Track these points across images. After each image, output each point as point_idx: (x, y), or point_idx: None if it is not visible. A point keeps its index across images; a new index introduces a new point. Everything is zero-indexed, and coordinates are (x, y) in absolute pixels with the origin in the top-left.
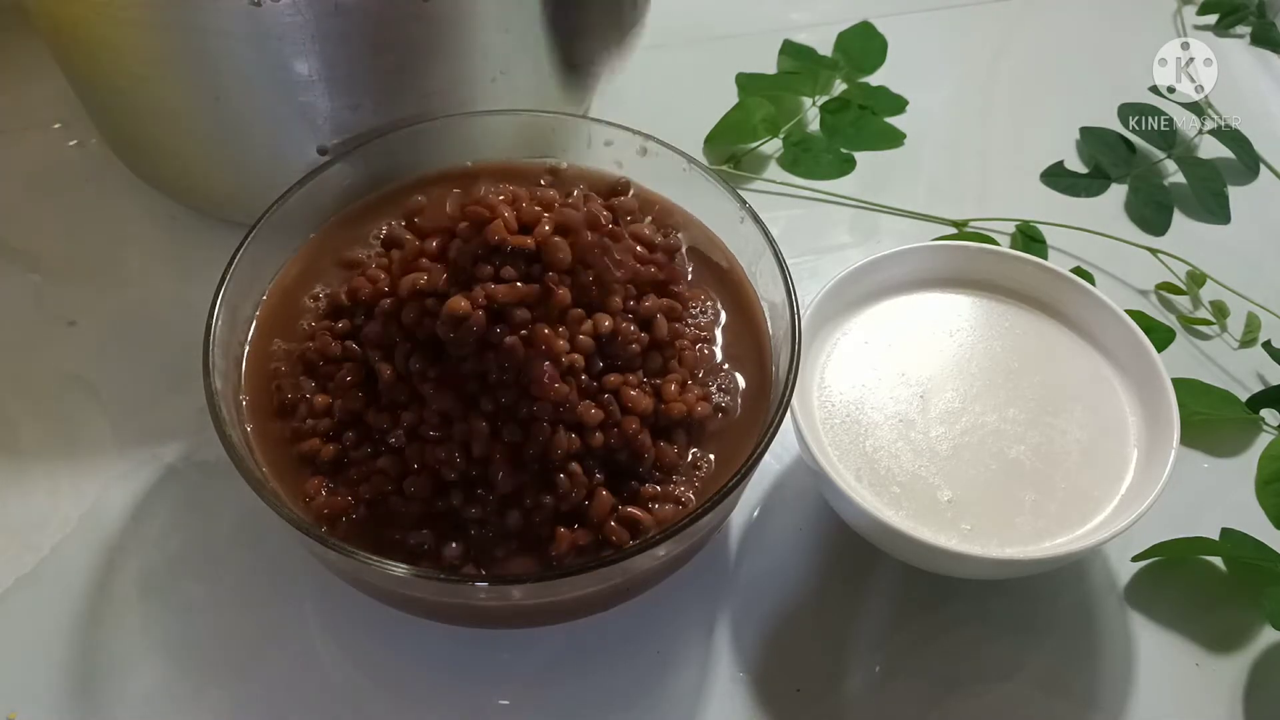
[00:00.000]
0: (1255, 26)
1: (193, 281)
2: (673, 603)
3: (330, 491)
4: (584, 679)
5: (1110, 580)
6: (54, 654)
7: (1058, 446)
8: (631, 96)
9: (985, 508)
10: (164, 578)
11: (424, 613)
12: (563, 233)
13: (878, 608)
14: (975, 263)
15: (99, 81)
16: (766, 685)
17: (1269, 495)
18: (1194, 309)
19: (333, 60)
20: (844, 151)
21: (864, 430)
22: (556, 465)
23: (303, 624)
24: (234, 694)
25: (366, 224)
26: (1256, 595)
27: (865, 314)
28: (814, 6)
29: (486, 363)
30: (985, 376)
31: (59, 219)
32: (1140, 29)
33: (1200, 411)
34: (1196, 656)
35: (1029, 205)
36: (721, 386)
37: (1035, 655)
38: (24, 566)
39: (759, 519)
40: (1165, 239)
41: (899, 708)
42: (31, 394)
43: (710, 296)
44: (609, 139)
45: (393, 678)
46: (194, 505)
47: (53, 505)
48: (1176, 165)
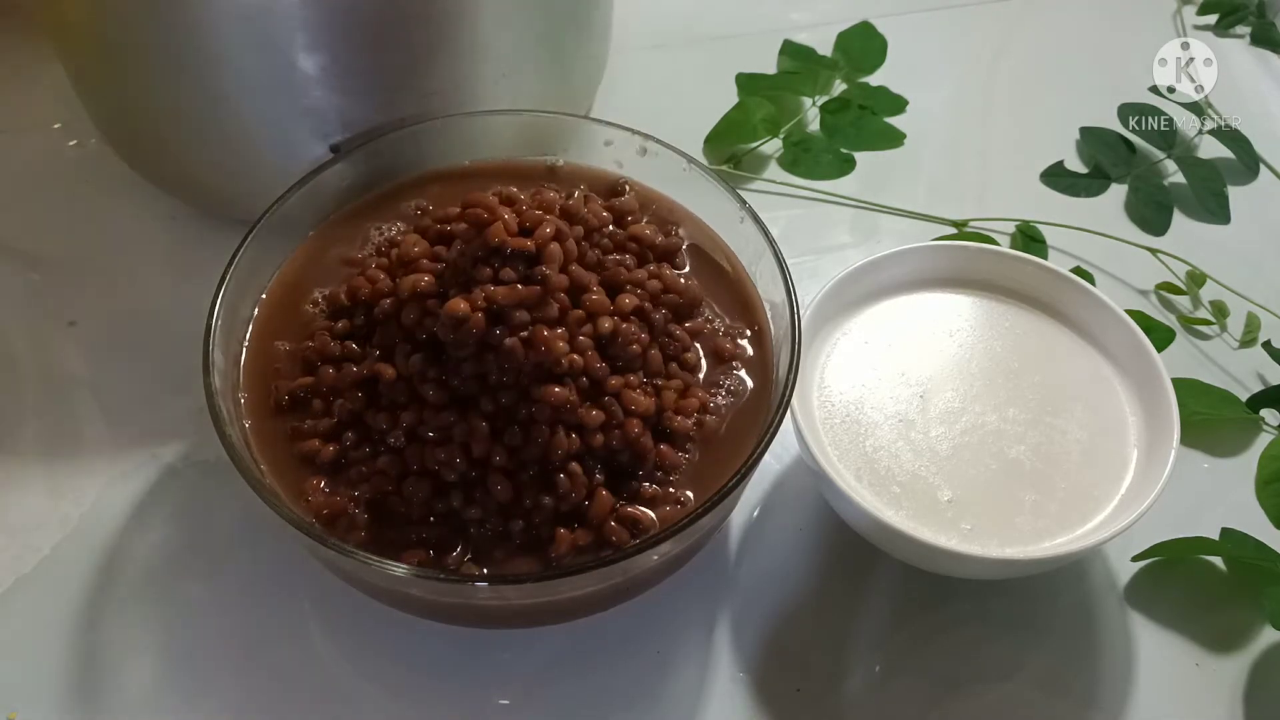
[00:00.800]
0: (1255, 26)
1: (193, 281)
2: (673, 603)
3: (329, 491)
4: (584, 679)
5: (1110, 580)
6: (54, 654)
7: (1058, 446)
8: (631, 96)
9: (985, 508)
10: (164, 578)
11: (424, 613)
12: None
13: (878, 608)
14: (975, 263)
15: (99, 81)
16: (766, 685)
17: (1269, 495)
18: (1194, 309)
19: (335, 60)
20: (844, 151)
21: (864, 430)
22: (556, 465)
23: (302, 624)
24: (234, 694)
25: (366, 223)
26: (1256, 595)
27: (865, 314)
28: (814, 6)
29: (486, 364)
30: (985, 376)
31: (59, 219)
32: (1140, 29)
33: (1200, 411)
34: (1196, 656)
35: (1029, 205)
36: (723, 389)
37: (1035, 655)
38: (24, 566)
39: (759, 519)
40: (1165, 239)
41: (899, 708)
42: (31, 394)
43: (710, 299)
44: (609, 139)
45: (393, 678)
46: (194, 505)
47: (53, 505)
48: (1176, 165)
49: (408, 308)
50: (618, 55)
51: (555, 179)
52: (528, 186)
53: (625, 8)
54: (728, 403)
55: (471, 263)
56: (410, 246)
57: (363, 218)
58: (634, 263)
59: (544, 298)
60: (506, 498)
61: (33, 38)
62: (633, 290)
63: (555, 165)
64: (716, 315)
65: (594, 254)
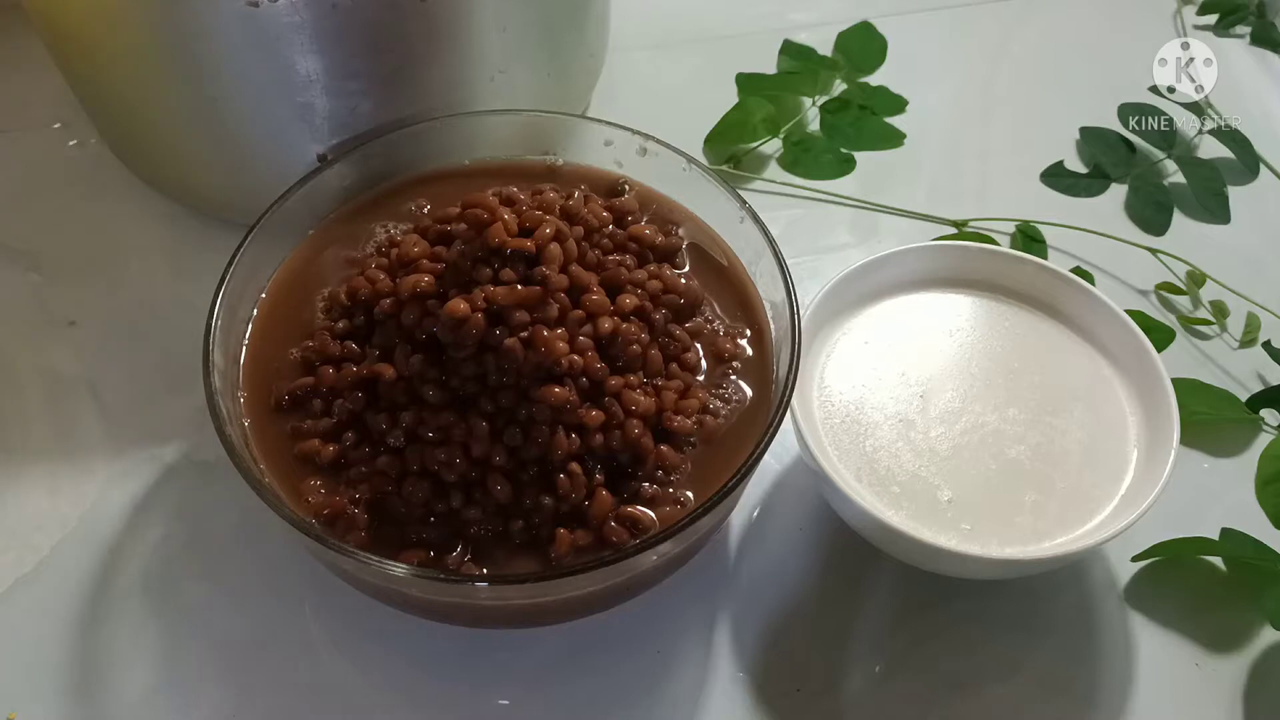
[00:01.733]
0: (1255, 26)
1: (193, 281)
2: (673, 603)
3: (328, 492)
4: (584, 679)
5: (1110, 580)
6: (54, 654)
7: (1058, 446)
8: (632, 96)
9: (985, 508)
10: (164, 578)
11: (424, 613)
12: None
13: (878, 608)
14: (975, 263)
15: (98, 82)
16: (766, 685)
17: (1269, 495)
18: (1194, 309)
19: (331, 60)
20: (844, 151)
21: (864, 430)
22: (556, 466)
23: (302, 624)
24: (233, 694)
25: (366, 222)
26: (1256, 595)
27: (865, 314)
28: (814, 6)
29: (486, 364)
30: (985, 376)
31: (59, 219)
32: (1140, 29)
33: (1200, 411)
34: (1196, 656)
35: (1029, 205)
36: (723, 389)
37: (1035, 655)
38: (24, 566)
39: (759, 519)
40: (1165, 239)
41: (899, 708)
42: (31, 394)
43: (710, 299)
44: (609, 139)
45: (392, 678)
46: (193, 505)
47: (52, 505)
48: (1176, 165)
49: (407, 308)
50: (618, 55)
51: (556, 178)
52: (528, 186)
53: (625, 7)
54: (727, 403)
55: (471, 263)
56: (410, 247)
57: (362, 217)
58: (634, 263)
59: (544, 298)
60: (506, 498)
61: (33, 38)
62: (633, 290)
63: (556, 165)
64: (716, 316)
65: (594, 254)
